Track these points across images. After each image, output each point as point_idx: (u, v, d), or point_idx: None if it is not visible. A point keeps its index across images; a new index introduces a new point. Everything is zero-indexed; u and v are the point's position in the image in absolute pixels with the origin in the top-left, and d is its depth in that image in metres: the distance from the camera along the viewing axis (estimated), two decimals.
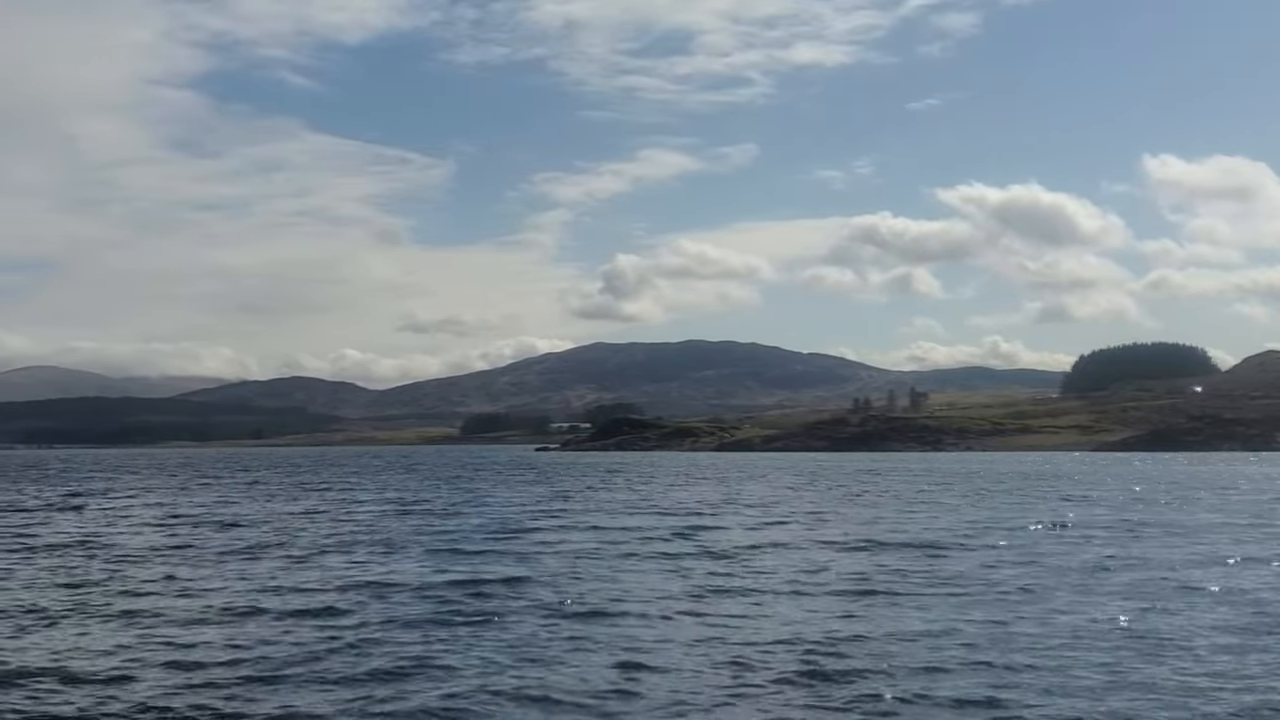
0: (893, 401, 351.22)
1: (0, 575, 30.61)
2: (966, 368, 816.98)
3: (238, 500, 67.44)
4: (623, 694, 17.01)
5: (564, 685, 17.46)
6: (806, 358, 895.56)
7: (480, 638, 21.12)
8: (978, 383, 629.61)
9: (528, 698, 16.81)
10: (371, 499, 66.95)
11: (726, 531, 42.46)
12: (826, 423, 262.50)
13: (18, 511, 58.11)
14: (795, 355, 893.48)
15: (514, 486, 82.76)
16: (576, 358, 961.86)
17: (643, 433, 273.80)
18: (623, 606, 24.43)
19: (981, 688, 17.09)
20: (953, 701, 16.37)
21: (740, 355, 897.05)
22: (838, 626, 21.94)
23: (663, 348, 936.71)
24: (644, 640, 20.72)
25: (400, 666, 18.66)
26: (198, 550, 36.53)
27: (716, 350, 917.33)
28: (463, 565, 31.71)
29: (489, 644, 20.52)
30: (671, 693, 17.01)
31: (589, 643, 20.57)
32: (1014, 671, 18.06)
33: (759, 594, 26.19)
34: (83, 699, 16.98)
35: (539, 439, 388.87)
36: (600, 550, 35.63)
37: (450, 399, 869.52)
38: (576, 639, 20.93)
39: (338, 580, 28.50)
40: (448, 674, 18.23)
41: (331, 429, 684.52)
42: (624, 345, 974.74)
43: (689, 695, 16.88)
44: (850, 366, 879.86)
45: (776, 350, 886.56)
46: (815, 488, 76.98)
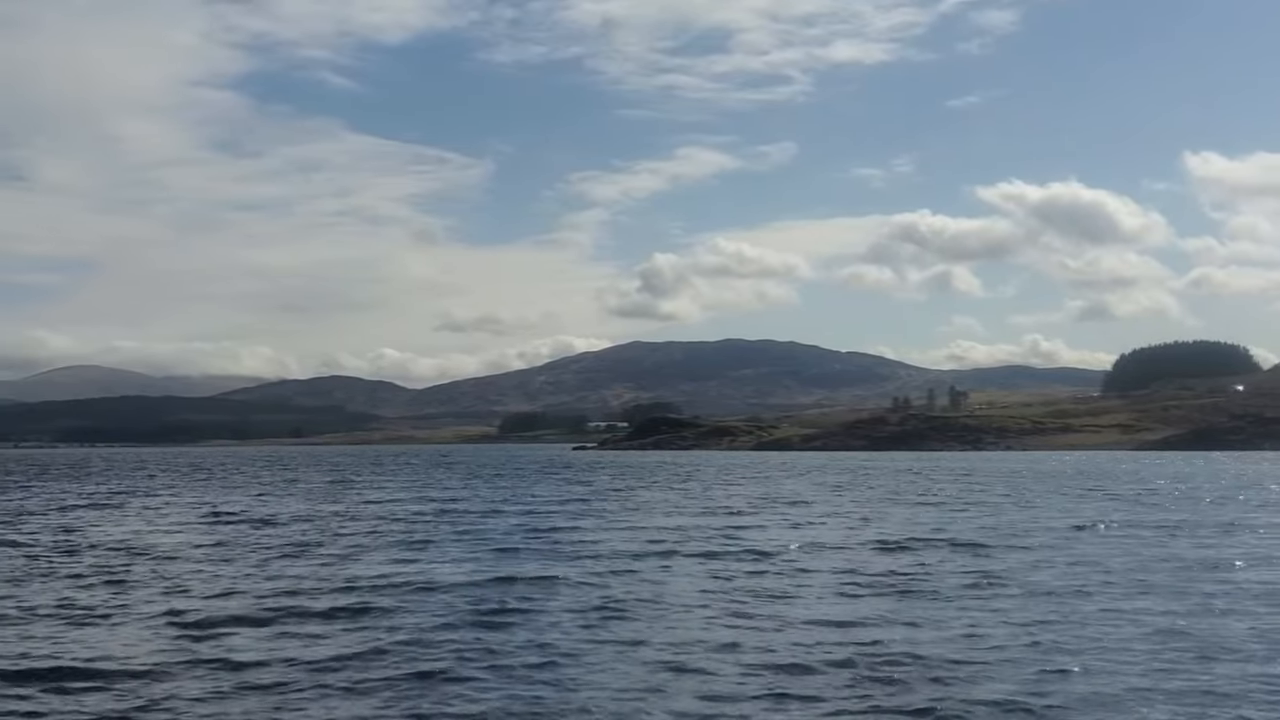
0: (932, 400, 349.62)
1: (42, 573, 30.62)
2: (1006, 366, 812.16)
3: (277, 499, 67.50)
4: (660, 695, 16.84)
5: (602, 686, 17.29)
6: (845, 356, 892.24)
7: (518, 638, 20.95)
8: (1018, 382, 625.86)
9: (564, 699, 16.64)
10: (410, 498, 66.85)
11: (767, 531, 42.11)
12: (865, 422, 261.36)
13: (59, 510, 58.39)
14: (834, 354, 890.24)
15: (552, 485, 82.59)
16: (614, 357, 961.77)
17: (680, 432, 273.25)
18: (662, 607, 24.25)
19: (1026, 691, 16.79)
20: (996, 705, 16.09)
21: (778, 354, 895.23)
22: (879, 628, 21.68)
23: (700, 347, 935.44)
24: (683, 641, 20.49)
25: (438, 667, 18.49)
26: (237, 549, 36.48)
27: (754, 349, 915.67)
28: (501, 564, 31.55)
29: (526, 644, 20.35)
30: (709, 696, 16.79)
31: (627, 644, 20.38)
32: (1061, 675, 17.74)
33: (800, 595, 25.91)
34: (121, 700, 16.87)
35: (576, 438, 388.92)
36: (640, 550, 35.38)
37: (487, 398, 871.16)
38: (615, 640, 20.76)
39: (376, 580, 28.38)
40: (485, 675, 18.06)
41: (370, 428, 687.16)
42: (661, 344, 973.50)
43: (727, 698, 16.67)
44: (889, 365, 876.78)
45: (815, 349, 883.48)
46: (856, 487, 76.44)
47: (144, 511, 56.81)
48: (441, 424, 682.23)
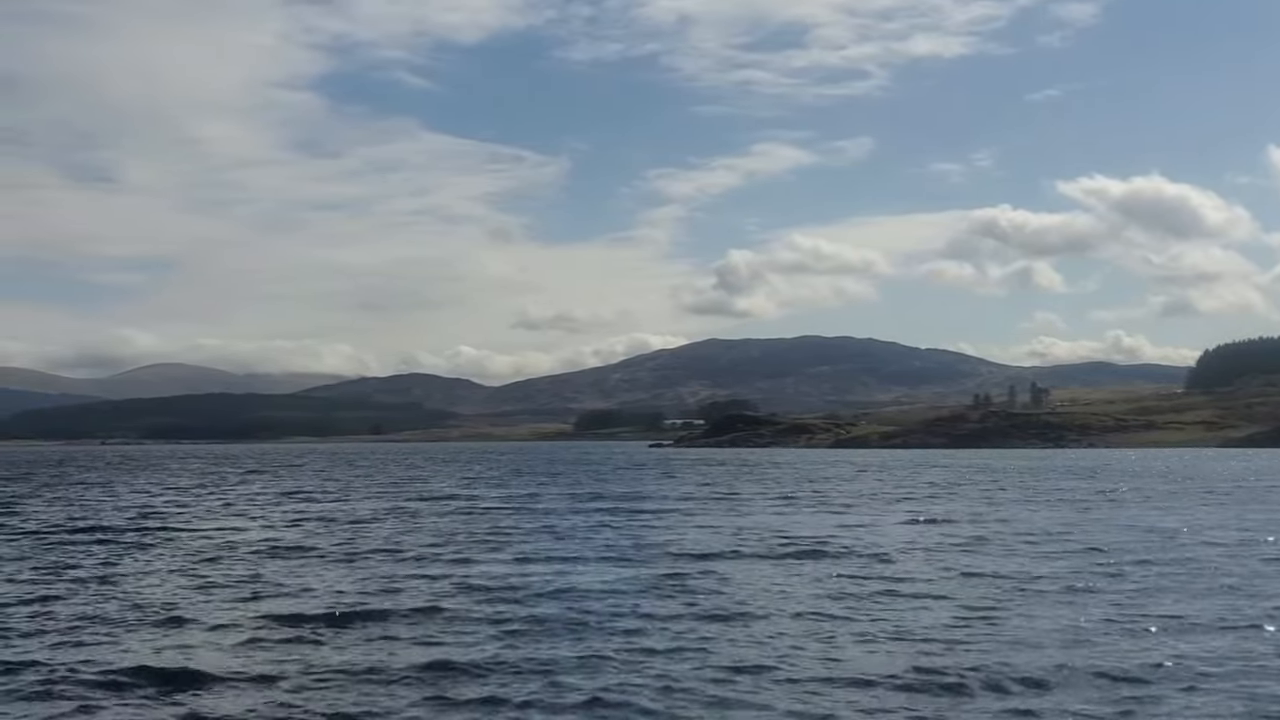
0: (1013, 397, 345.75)
1: (134, 573, 30.17)
2: (1089, 363, 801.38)
3: (359, 497, 67.19)
4: (743, 702, 16.08)
5: (683, 688, 16.71)
6: (925, 353, 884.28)
7: (601, 639, 20.16)
8: (1100, 378, 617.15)
9: (643, 700, 16.09)
10: (491, 495, 66.23)
11: (852, 530, 40.78)
12: (945, 419, 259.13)
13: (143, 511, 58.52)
14: (913, 351, 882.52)
15: (631, 483, 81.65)
16: (690, 354, 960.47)
17: (757, 429, 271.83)
18: (747, 608, 23.33)
19: (1111, 700, 15.94)
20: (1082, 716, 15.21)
21: (856, 351, 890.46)
22: (967, 631, 20.77)
23: (777, 344, 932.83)
24: (768, 644, 19.63)
25: (517, 670, 17.86)
26: (319, 549, 35.94)
27: (832, 346, 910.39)
28: (583, 564, 30.71)
29: (609, 645, 19.58)
30: (790, 699, 16.10)
31: (710, 645, 19.60)
32: (1148, 684, 16.83)
33: (888, 596, 24.89)
34: (205, 701, 16.32)
35: (652, 435, 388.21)
36: (725, 549, 34.30)
37: (563, 395, 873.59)
38: (698, 641, 19.97)
39: (457, 581, 27.62)
40: (569, 676, 17.37)
41: (447, 425, 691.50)
42: (738, 341, 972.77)
43: (807, 702, 15.99)
44: (969, 362, 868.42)
45: (894, 346, 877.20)
46: (939, 485, 74.48)
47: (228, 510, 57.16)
48: (517, 421, 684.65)
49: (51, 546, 37.22)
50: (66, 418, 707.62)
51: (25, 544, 38.12)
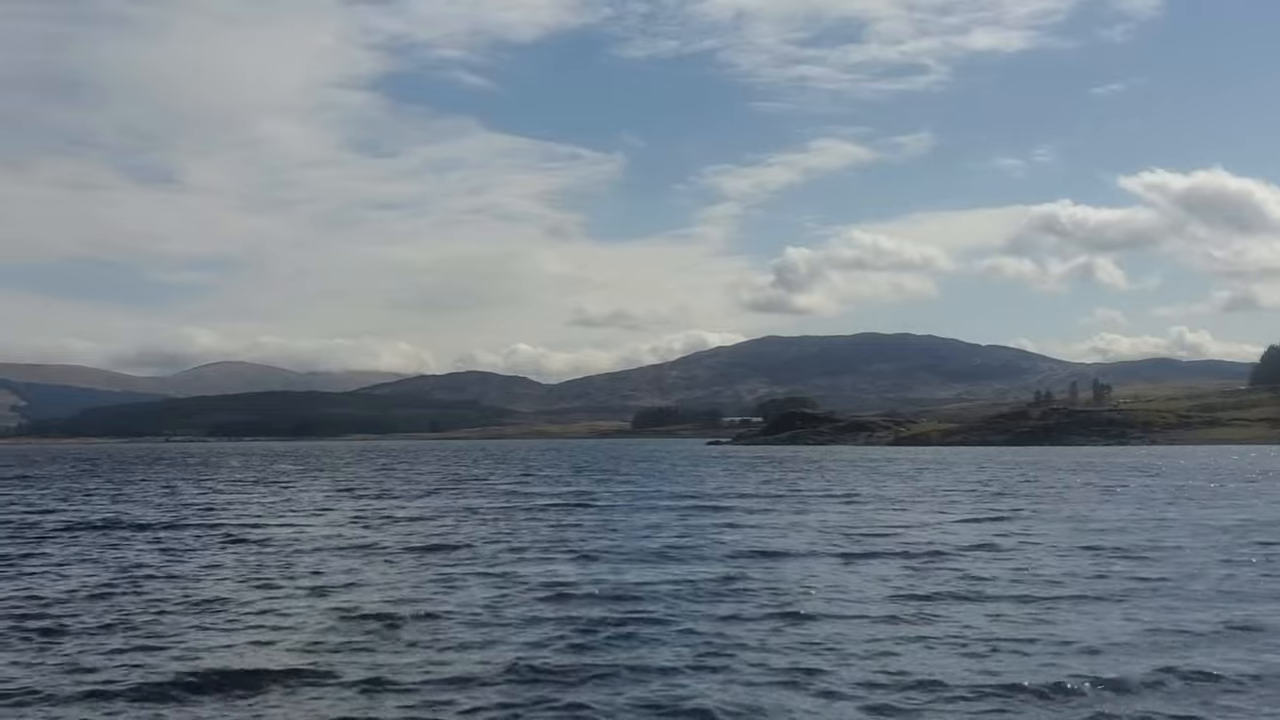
0: (1075, 394, 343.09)
1: (197, 572, 30.25)
2: (1151, 359, 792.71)
3: (420, 494, 67.19)
4: (807, 711, 15.64)
5: (748, 687, 16.46)
6: (985, 350, 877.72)
7: (665, 638, 19.92)
8: (1163, 374, 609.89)
9: (711, 701, 15.77)
10: (552, 492, 66.10)
11: (917, 530, 40.15)
12: (1006, 416, 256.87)
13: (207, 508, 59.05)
14: (973, 347, 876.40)
15: (691, 480, 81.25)
16: (748, 351, 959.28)
17: (816, 426, 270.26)
18: (813, 608, 22.91)
19: (1187, 705, 15.55)
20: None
21: (916, 348, 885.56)
22: (1033, 633, 20.25)
23: (836, 340, 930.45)
24: (836, 646, 19.23)
25: (582, 671, 17.55)
26: (381, 545, 35.84)
27: (891, 343, 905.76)
28: (646, 563, 30.41)
29: (673, 645, 19.33)
30: (855, 704, 15.78)
31: (776, 645, 19.28)
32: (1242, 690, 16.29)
33: (954, 598, 24.36)
34: (271, 703, 16.18)
35: (710, 433, 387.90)
36: (788, 547, 33.82)
37: (621, 393, 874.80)
38: (764, 641, 19.66)
39: (520, 579, 27.40)
40: (633, 677, 17.13)
41: (505, 422, 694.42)
42: (796, 338, 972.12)
43: (871, 706, 15.67)
44: (1030, 358, 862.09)
45: (954, 342, 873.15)
46: (1004, 482, 73.36)
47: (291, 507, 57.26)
48: (575, 419, 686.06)
49: (116, 544, 37.32)
50: (131, 416, 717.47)
51: (89, 540, 38.34)
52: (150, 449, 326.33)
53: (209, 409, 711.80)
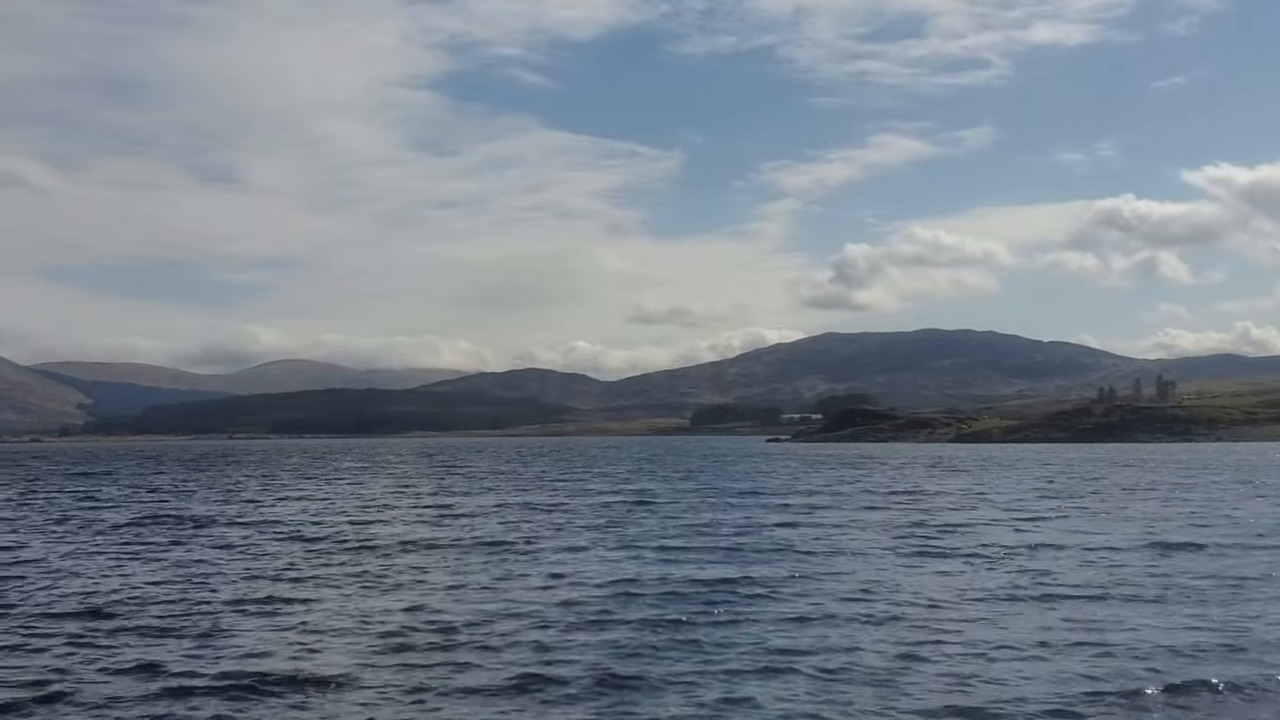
0: (1138, 390, 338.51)
1: (260, 570, 30.28)
2: (1216, 355, 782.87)
3: (482, 491, 67.34)
4: (876, 714, 15.37)
5: (810, 692, 16.17)
6: (1047, 346, 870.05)
7: (730, 641, 19.52)
8: (1227, 370, 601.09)
9: (775, 706, 15.55)
10: (612, 489, 65.93)
11: (984, 528, 39.66)
12: (1069, 413, 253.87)
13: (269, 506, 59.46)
14: (1035, 344, 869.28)
15: (753, 478, 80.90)
16: (807, 348, 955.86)
17: (876, 424, 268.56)
18: (879, 609, 22.62)
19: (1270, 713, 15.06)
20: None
21: (977, 344, 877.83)
22: (1106, 636, 19.78)
23: (896, 337, 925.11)
24: (900, 647, 18.89)
25: (652, 675, 17.29)
26: (447, 544, 35.78)
27: (952, 339, 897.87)
28: (712, 560, 30.08)
29: (739, 647, 18.98)
30: (925, 708, 15.43)
31: (839, 648, 18.92)
32: None
33: (1023, 598, 23.95)
34: (338, 705, 16.09)
35: (769, 430, 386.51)
36: (852, 546, 33.50)
37: (679, 390, 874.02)
38: (827, 644, 19.28)
39: (586, 578, 27.21)
40: (698, 680, 16.80)
41: (564, 419, 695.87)
42: (856, 335, 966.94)
43: (942, 710, 15.34)
44: (1093, 355, 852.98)
45: (1015, 338, 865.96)
46: (1069, 480, 72.41)
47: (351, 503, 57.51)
48: (633, 416, 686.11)
49: (178, 540, 37.55)
50: (195, 413, 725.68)
51: (150, 537, 38.58)
52: (214, 446, 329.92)
53: (271, 406, 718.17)
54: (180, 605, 23.75)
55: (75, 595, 25.20)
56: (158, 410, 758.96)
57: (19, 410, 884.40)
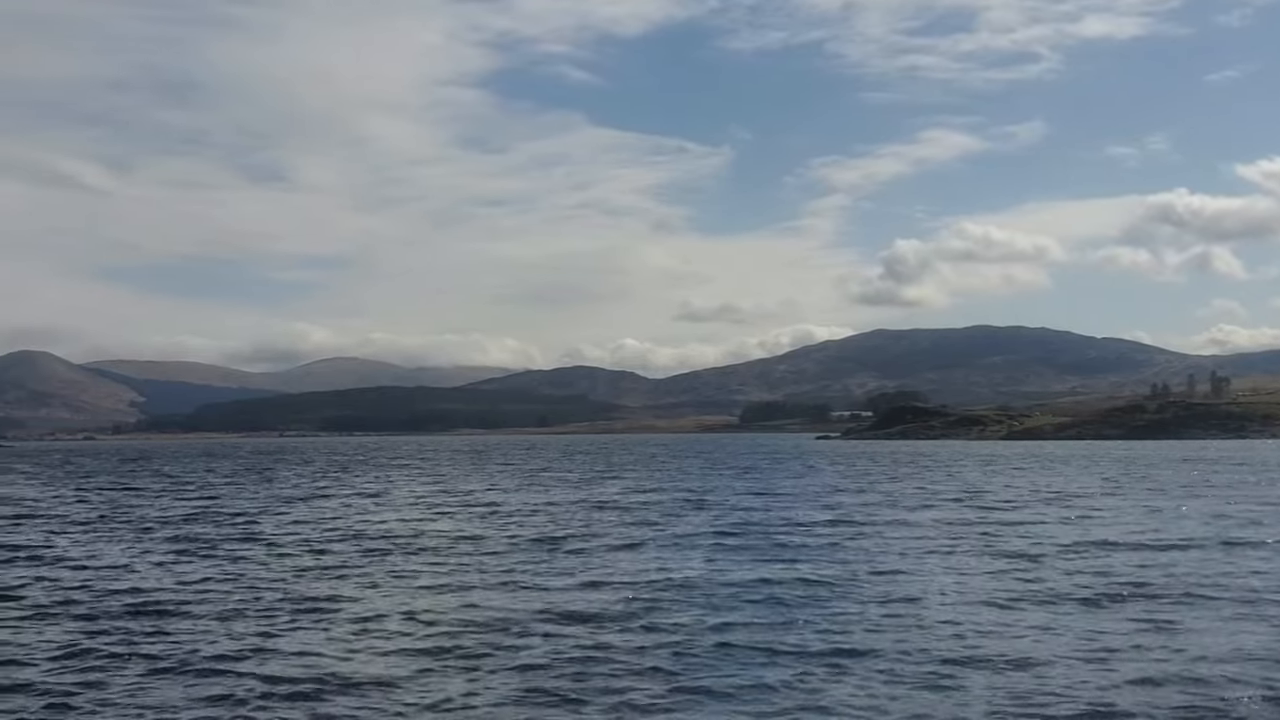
0: (1192, 387, 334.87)
1: (315, 568, 30.20)
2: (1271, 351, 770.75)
3: (533, 489, 67.23)
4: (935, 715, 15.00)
5: (878, 694, 15.67)
6: (1100, 342, 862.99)
7: (780, 642, 19.10)
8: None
9: (831, 707, 15.18)
10: (662, 487, 65.55)
11: (1041, 526, 38.96)
12: (1122, 410, 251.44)
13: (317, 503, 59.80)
14: (1088, 340, 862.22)
15: (804, 475, 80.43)
16: (857, 345, 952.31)
17: (927, 421, 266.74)
18: (933, 610, 22.14)
19: None
20: None
21: (1029, 340, 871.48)
22: (1151, 639, 19.25)
23: (947, 334, 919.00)
24: (956, 650, 18.41)
25: (701, 680, 16.90)
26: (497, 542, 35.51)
27: (1004, 335, 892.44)
28: (760, 562, 29.61)
29: (789, 649, 18.55)
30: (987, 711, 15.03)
31: (906, 651, 18.39)
32: None
33: (1085, 600, 23.33)
34: (397, 708, 15.74)
35: (819, 427, 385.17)
36: (908, 546, 32.96)
37: (728, 387, 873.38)
38: (888, 646, 18.75)
39: (636, 577, 26.85)
40: (748, 680, 16.39)
41: (612, 417, 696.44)
42: (906, 332, 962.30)
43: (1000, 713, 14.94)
44: (1146, 351, 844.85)
45: (1068, 335, 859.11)
46: (1126, 478, 71.35)
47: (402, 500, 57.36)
48: (682, 414, 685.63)
49: (225, 539, 37.52)
50: (246, 411, 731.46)
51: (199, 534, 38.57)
52: (264, 444, 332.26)
53: (321, 404, 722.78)
54: (229, 604, 23.57)
55: (125, 594, 25.08)
56: (209, 408, 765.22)
57: (73, 408, 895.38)
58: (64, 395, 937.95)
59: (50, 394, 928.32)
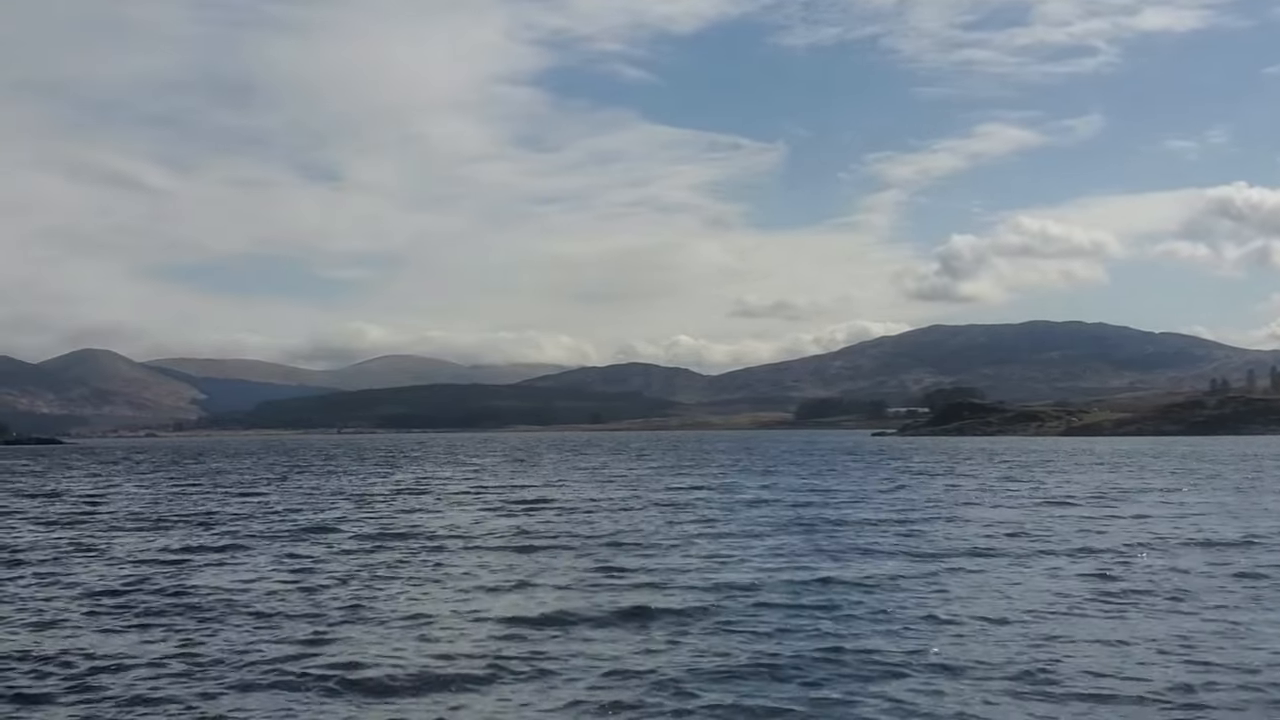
0: (1252, 382, 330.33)
1: (380, 567, 30.14)
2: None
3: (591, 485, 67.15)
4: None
5: (942, 690, 15.32)
6: (1158, 337, 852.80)
7: (852, 642, 18.80)
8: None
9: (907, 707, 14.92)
10: (721, 485, 65.14)
11: (1107, 522, 38.35)
12: (1181, 405, 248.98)
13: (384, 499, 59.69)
14: (1146, 335, 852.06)
15: (865, 472, 79.81)
16: (913, 340, 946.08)
17: (984, 417, 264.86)
18: (1003, 608, 21.78)
19: None
20: None
21: (1087, 336, 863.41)
22: (1220, 643, 18.72)
23: (1003, 329, 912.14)
24: (1029, 650, 18.08)
25: (773, 680, 16.68)
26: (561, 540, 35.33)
27: (1061, 331, 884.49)
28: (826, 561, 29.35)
29: (861, 649, 18.22)
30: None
31: (962, 650, 18.12)
32: None
33: (1152, 596, 23.03)
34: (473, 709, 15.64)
35: (874, 424, 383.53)
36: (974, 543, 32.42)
37: (783, 384, 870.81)
38: (953, 644, 18.51)
39: (698, 578, 26.57)
40: (818, 680, 16.15)
41: (667, 414, 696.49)
42: (963, 327, 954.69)
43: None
44: (1205, 346, 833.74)
45: (1126, 330, 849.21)
46: (1189, 473, 70.48)
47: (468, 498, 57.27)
48: (737, 410, 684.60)
49: (286, 534, 37.59)
50: (304, 408, 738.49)
51: (260, 531, 38.64)
52: (322, 441, 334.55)
53: (377, 401, 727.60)
54: (290, 602, 23.51)
55: (184, 592, 25.09)
56: (268, 406, 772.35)
57: (135, 406, 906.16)
58: (126, 393, 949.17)
59: (113, 392, 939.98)
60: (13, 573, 28.91)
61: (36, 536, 38.53)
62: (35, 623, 21.76)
